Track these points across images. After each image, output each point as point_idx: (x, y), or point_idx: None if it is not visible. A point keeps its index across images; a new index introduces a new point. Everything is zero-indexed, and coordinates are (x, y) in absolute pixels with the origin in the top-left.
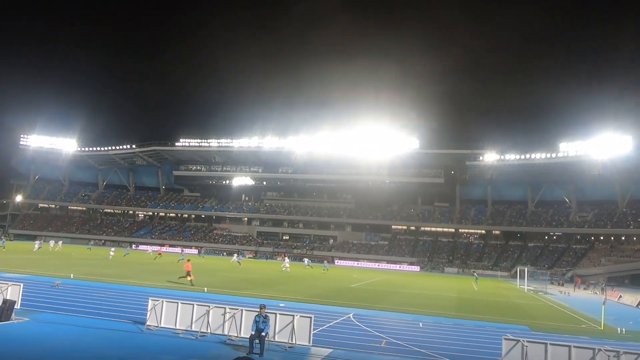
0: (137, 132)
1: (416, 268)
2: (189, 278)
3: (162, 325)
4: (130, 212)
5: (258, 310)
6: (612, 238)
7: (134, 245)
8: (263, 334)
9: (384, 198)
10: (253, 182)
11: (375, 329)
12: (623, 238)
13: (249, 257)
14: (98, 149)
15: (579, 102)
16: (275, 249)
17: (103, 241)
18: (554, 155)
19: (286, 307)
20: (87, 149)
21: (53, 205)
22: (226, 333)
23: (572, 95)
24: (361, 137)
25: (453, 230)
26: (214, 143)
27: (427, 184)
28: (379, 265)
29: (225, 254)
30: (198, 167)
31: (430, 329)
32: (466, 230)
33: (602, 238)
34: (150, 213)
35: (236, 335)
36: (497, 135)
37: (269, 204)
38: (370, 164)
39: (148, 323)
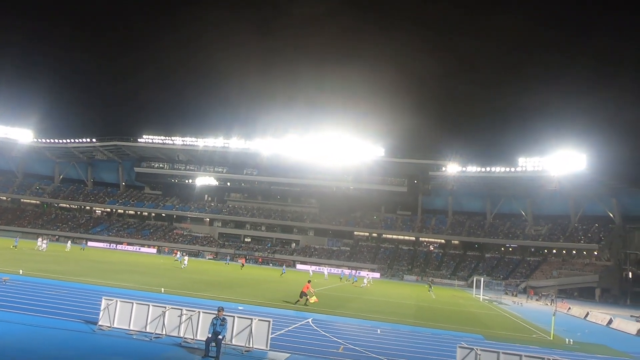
0: (99, 126)
1: (377, 275)
2: (312, 300)
3: (115, 325)
4: (87, 207)
5: (216, 312)
6: (564, 252)
7: (88, 242)
8: (220, 337)
9: (348, 204)
10: (217, 183)
11: (333, 334)
12: (574, 252)
13: (209, 259)
14: (56, 141)
15: (538, 119)
16: (236, 251)
17: (57, 237)
18: (512, 169)
19: (245, 310)
20: (44, 140)
21: (4, 198)
22: (182, 335)
23: (532, 113)
24: (328, 143)
25: (414, 238)
26: (178, 141)
27: (390, 192)
28: (340, 271)
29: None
30: (161, 165)
31: (388, 336)
32: (426, 239)
33: (554, 251)
34: (109, 210)
35: (192, 337)
36: (459, 147)
37: (232, 205)
38: (336, 170)
39: (100, 323)
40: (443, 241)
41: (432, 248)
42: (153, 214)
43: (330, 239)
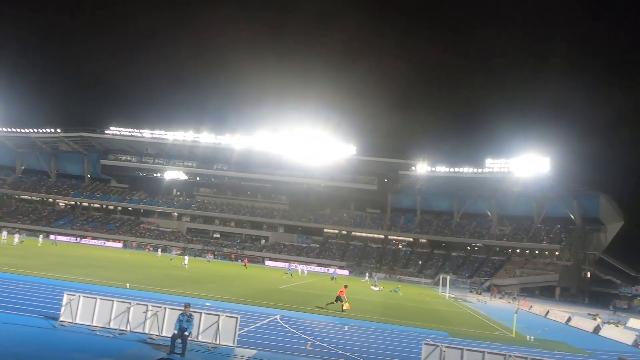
0: (64, 116)
1: (345, 272)
2: (345, 306)
3: (78, 321)
4: (50, 200)
5: (183, 308)
6: (527, 251)
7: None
8: (186, 333)
9: (318, 201)
10: (186, 177)
11: (301, 331)
12: (536, 252)
13: (177, 254)
14: (18, 130)
15: (505, 122)
16: (205, 247)
17: (17, 229)
18: (480, 170)
19: (212, 307)
20: (4, 129)
21: None
22: (147, 332)
23: (500, 116)
24: (299, 140)
25: (383, 236)
26: (147, 134)
27: (360, 190)
28: (309, 268)
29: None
30: (128, 158)
31: (355, 333)
32: (395, 237)
33: (518, 251)
34: (73, 202)
35: (158, 334)
36: (429, 148)
37: (201, 200)
38: (307, 167)
39: (62, 319)
40: (411, 239)
41: (400, 246)
42: (119, 208)
43: (299, 236)
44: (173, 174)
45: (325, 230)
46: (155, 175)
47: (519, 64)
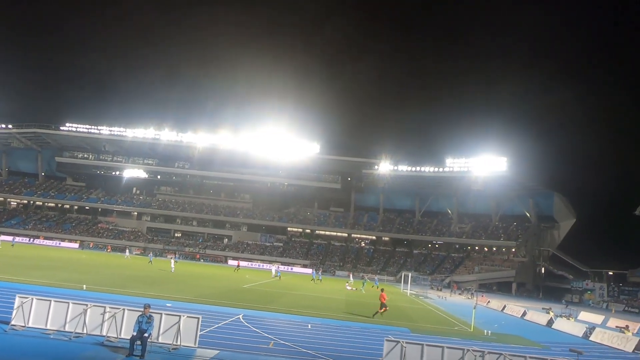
0: (16, 111)
1: (309, 270)
2: (381, 310)
3: (31, 325)
4: (1, 198)
5: (142, 310)
6: (485, 248)
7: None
8: (146, 334)
9: (282, 200)
10: (146, 175)
11: (264, 330)
12: (494, 249)
13: (136, 254)
14: None
15: (466, 122)
16: (166, 246)
17: None
18: (441, 169)
19: (173, 307)
20: None
21: None
22: (105, 334)
23: (461, 116)
24: (263, 138)
25: (346, 234)
26: (105, 130)
27: (324, 189)
28: (273, 267)
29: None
30: (85, 155)
31: (318, 331)
32: (358, 236)
33: (477, 248)
34: (25, 201)
35: (116, 336)
36: (392, 147)
37: (162, 199)
38: (271, 165)
39: (13, 322)
40: (374, 237)
41: (363, 244)
42: (75, 207)
43: (263, 235)
44: (133, 172)
45: (289, 228)
46: (113, 173)
47: (479, 66)
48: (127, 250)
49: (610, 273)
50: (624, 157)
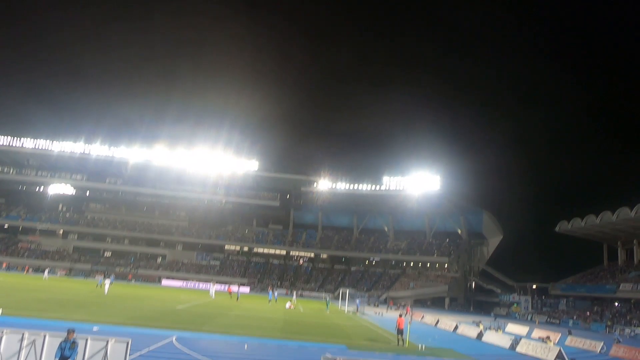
0: None
1: (247, 289)
2: (399, 337)
3: None
4: None
5: (65, 335)
6: (420, 264)
7: None
8: None
9: (219, 218)
10: (74, 191)
11: (199, 352)
12: (428, 265)
13: (61, 275)
14: None
15: (402, 142)
16: (94, 267)
17: None
18: (378, 187)
19: (101, 331)
20: None
21: None
22: None
23: (397, 136)
24: (200, 155)
25: (285, 252)
26: (28, 144)
27: (263, 206)
28: (208, 286)
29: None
30: (5, 170)
31: (255, 351)
32: (297, 253)
33: (412, 264)
34: None
35: None
36: (331, 165)
37: (91, 216)
38: (208, 182)
39: None
40: (312, 255)
41: (302, 262)
42: None
43: (199, 253)
44: (59, 188)
45: (226, 247)
46: (37, 188)
47: (415, 86)
48: (46, 271)
49: (534, 286)
50: (546, 177)
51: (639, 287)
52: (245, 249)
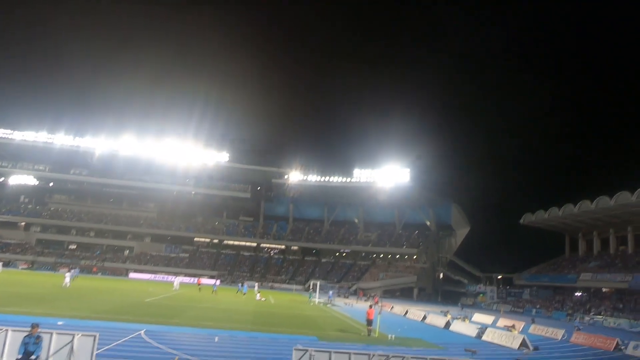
0: None
1: (217, 281)
2: (369, 328)
3: None
4: None
5: (29, 330)
6: (390, 256)
7: None
8: (33, 357)
9: (189, 209)
10: (36, 182)
11: (168, 345)
12: (398, 256)
13: (23, 268)
14: None
15: (372, 135)
16: (58, 260)
17: None
18: (349, 179)
19: (66, 325)
20: None
21: None
22: None
23: (368, 128)
24: (169, 145)
25: (255, 244)
26: None
27: (233, 198)
28: (179, 279)
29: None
30: None
31: (226, 343)
32: (268, 245)
33: (382, 256)
34: None
35: None
36: (302, 157)
37: (55, 208)
38: (177, 173)
39: None
40: (283, 247)
41: (272, 254)
42: None
43: (168, 245)
44: (20, 179)
45: (196, 239)
46: None
47: (386, 80)
48: (0, 264)
49: (500, 277)
50: (512, 171)
51: (598, 277)
52: (216, 241)
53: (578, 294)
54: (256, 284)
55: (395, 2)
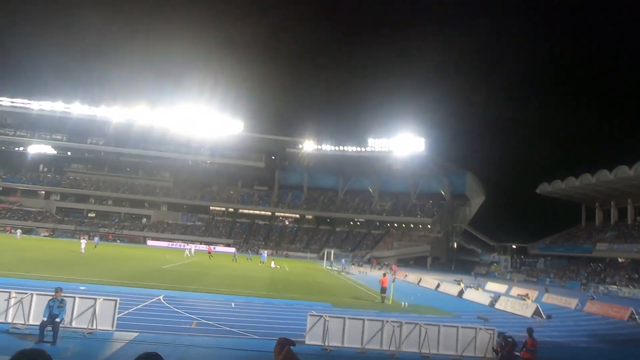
0: None
1: (232, 250)
2: (382, 296)
3: None
4: None
5: (53, 294)
6: (404, 225)
7: None
8: (57, 320)
9: (204, 178)
10: (55, 152)
11: (186, 310)
12: (412, 225)
13: (45, 235)
14: None
15: (387, 103)
16: (78, 227)
17: None
18: (363, 149)
19: (88, 290)
20: None
21: None
22: (10, 321)
23: (382, 97)
24: (185, 114)
25: (270, 213)
26: (5, 102)
27: (248, 167)
28: (194, 247)
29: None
30: None
31: (242, 309)
32: (282, 214)
33: (396, 225)
34: None
35: (23, 323)
36: (316, 126)
37: (74, 177)
38: (193, 143)
39: None
40: (298, 216)
41: (287, 223)
42: None
43: (184, 214)
44: (39, 148)
45: (211, 207)
46: (17, 149)
47: (401, 48)
48: (19, 231)
49: (514, 246)
50: (528, 140)
51: (614, 247)
52: (231, 209)
53: (593, 264)
54: (265, 252)
55: None
